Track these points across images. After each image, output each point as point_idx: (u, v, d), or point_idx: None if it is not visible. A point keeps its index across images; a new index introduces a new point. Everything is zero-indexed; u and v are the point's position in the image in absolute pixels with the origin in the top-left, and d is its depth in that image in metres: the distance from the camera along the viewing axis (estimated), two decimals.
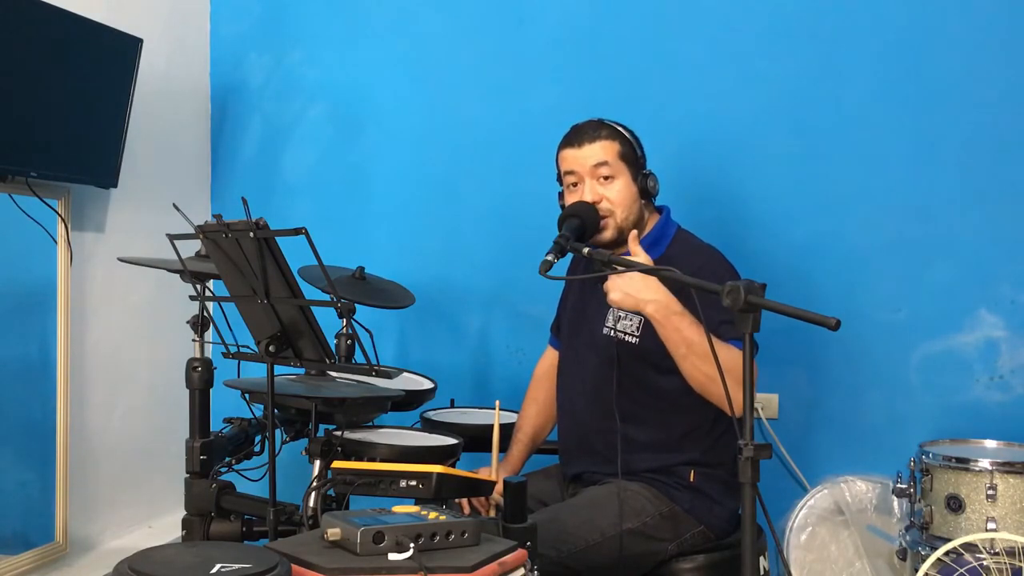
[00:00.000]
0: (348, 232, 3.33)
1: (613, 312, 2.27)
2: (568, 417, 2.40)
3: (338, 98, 3.40)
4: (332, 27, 3.40)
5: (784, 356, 2.87)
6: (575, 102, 2.90)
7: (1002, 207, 2.75)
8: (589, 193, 2.24)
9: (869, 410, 2.86)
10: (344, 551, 1.54)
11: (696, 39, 3.00)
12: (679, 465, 2.24)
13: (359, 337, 2.29)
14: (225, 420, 2.49)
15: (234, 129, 3.52)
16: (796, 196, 2.91)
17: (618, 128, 2.29)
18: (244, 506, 2.23)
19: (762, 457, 1.54)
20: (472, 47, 3.24)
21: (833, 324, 1.52)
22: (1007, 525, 2.24)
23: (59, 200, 2.74)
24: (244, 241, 1.95)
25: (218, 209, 3.41)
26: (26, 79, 2.50)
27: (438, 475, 1.84)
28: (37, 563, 2.69)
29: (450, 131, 3.26)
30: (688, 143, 2.96)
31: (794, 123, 2.92)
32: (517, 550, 1.63)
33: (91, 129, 2.76)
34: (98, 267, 2.93)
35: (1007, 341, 2.76)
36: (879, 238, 2.85)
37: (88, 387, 2.91)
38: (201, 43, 3.48)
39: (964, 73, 2.77)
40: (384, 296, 2.72)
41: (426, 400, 2.62)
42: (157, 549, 1.49)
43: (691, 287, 1.74)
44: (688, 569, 2.20)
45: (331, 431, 2.20)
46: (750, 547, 1.57)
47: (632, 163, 2.27)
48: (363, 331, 2.54)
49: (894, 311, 2.84)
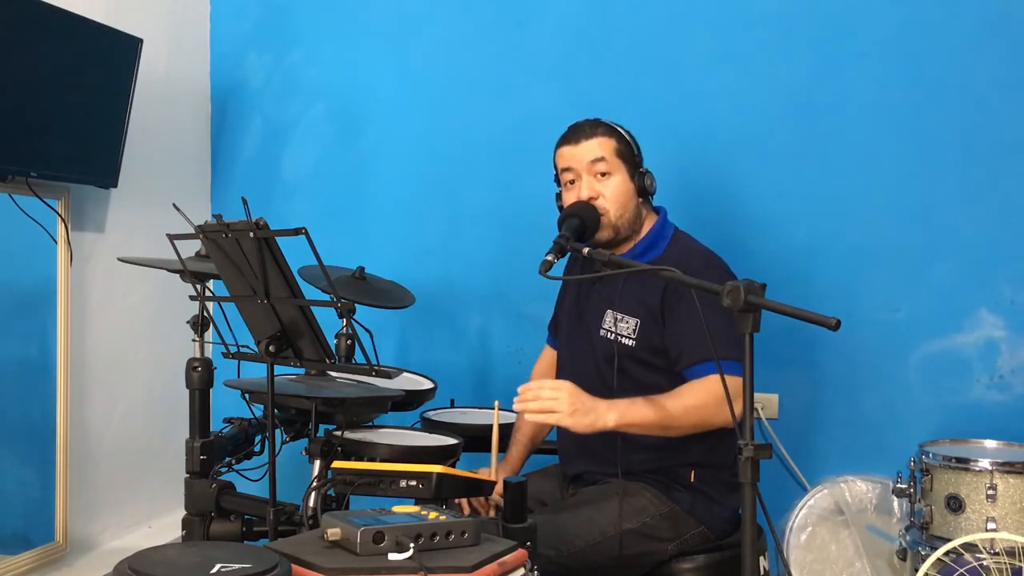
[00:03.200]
0: (348, 232, 3.33)
1: (610, 314, 2.27)
2: None
3: (338, 98, 3.41)
4: (332, 27, 3.40)
5: (784, 356, 2.87)
6: (575, 102, 2.90)
7: (1002, 207, 2.75)
8: (586, 189, 2.24)
9: (869, 410, 2.86)
10: (344, 551, 1.54)
11: (696, 39, 3.00)
12: (680, 465, 2.24)
13: (359, 337, 2.30)
14: (225, 420, 2.49)
15: (234, 129, 3.52)
16: (796, 196, 2.91)
17: (614, 126, 2.30)
18: (244, 506, 2.23)
19: (762, 457, 1.54)
20: (472, 47, 3.24)
21: (833, 324, 1.52)
22: (1007, 525, 2.24)
23: (59, 200, 2.74)
24: (244, 241, 1.95)
25: (218, 209, 3.41)
26: (26, 79, 2.50)
27: (438, 475, 1.84)
28: (37, 563, 2.69)
29: (450, 131, 3.26)
30: (688, 143, 2.96)
31: (794, 123, 2.92)
32: (517, 550, 1.63)
33: (91, 129, 2.76)
34: (98, 267, 2.93)
35: (1007, 341, 2.76)
36: (879, 238, 2.85)
37: (88, 387, 2.91)
38: (201, 43, 3.48)
39: (964, 74, 2.78)
40: (384, 296, 2.72)
41: (426, 400, 2.61)
42: (157, 549, 1.49)
43: (691, 287, 1.74)
44: (688, 569, 2.20)
45: (331, 431, 2.20)
46: (750, 547, 1.57)
47: (629, 161, 2.27)
48: (363, 331, 2.54)
49: (894, 311, 2.85)
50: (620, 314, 2.25)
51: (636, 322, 2.22)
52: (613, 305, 2.28)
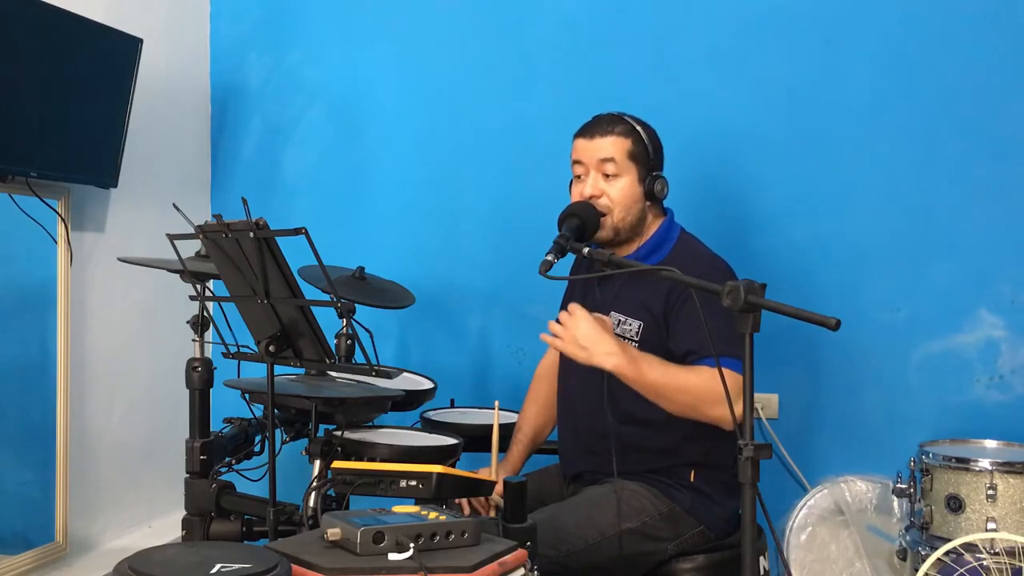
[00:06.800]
0: (348, 232, 3.33)
1: (612, 316, 2.26)
2: (568, 417, 2.40)
3: (338, 98, 3.40)
4: (332, 27, 3.40)
5: (784, 356, 2.87)
6: (575, 102, 2.89)
7: (1002, 207, 2.75)
8: (591, 186, 2.24)
9: (869, 410, 2.86)
10: (344, 551, 1.54)
11: (696, 39, 3.00)
12: (680, 465, 2.24)
13: (359, 337, 2.30)
14: (225, 420, 2.49)
15: (234, 129, 3.52)
16: (797, 196, 2.92)
17: (635, 126, 2.27)
18: (244, 506, 2.23)
19: (762, 457, 1.54)
20: (472, 47, 3.23)
21: (833, 324, 1.52)
22: (1007, 525, 2.24)
23: (59, 200, 2.74)
24: (244, 241, 1.95)
25: (218, 209, 3.41)
26: (26, 79, 2.50)
27: (438, 475, 1.84)
28: (37, 563, 2.69)
29: (450, 131, 3.26)
30: (688, 143, 2.95)
31: (794, 123, 2.92)
32: (517, 550, 1.63)
33: (91, 129, 2.76)
34: (98, 267, 2.93)
35: (1007, 341, 2.76)
36: (879, 238, 2.85)
37: (88, 387, 2.91)
38: (201, 43, 3.48)
39: (964, 73, 2.78)
40: (384, 296, 2.72)
41: (426, 400, 2.62)
42: (157, 549, 1.49)
43: (692, 287, 1.74)
44: (688, 569, 2.20)
45: (331, 431, 2.20)
46: (750, 547, 1.57)
47: (642, 163, 2.25)
48: (363, 331, 2.54)
49: (894, 311, 2.85)
50: (623, 316, 2.25)
51: (639, 324, 2.22)
52: (616, 307, 2.27)
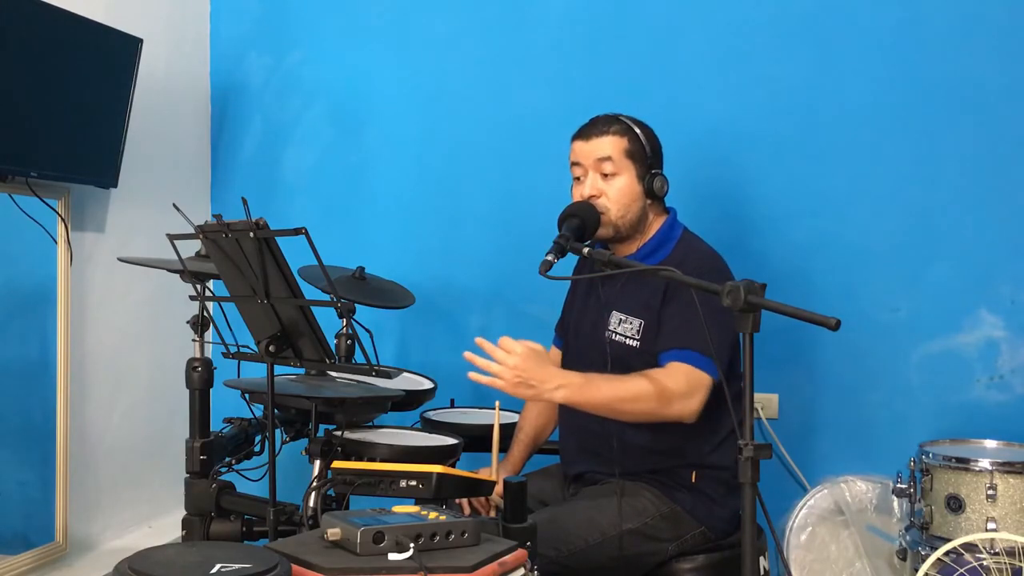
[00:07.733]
0: (348, 232, 3.33)
1: (614, 316, 2.27)
2: (569, 417, 2.40)
3: (338, 98, 3.40)
4: (332, 27, 3.40)
5: (784, 356, 2.87)
6: (575, 102, 2.89)
7: (1002, 207, 2.75)
8: (589, 187, 2.25)
9: (869, 410, 2.86)
10: (344, 551, 1.54)
11: (697, 39, 3.00)
12: (680, 466, 2.24)
13: (359, 337, 2.30)
14: (225, 420, 2.49)
15: (234, 129, 3.52)
16: (796, 196, 2.91)
17: (632, 125, 2.27)
18: (244, 506, 2.23)
19: (762, 457, 1.54)
20: (472, 47, 3.23)
21: (833, 324, 1.52)
22: (1007, 525, 2.24)
23: (59, 200, 2.74)
24: (244, 241, 1.95)
25: (218, 209, 3.41)
26: (26, 79, 2.50)
27: (438, 475, 1.84)
28: (37, 563, 2.69)
29: (450, 131, 3.26)
30: (688, 143, 2.95)
31: (794, 123, 2.91)
32: (517, 550, 1.63)
33: (91, 129, 2.76)
34: (98, 267, 2.93)
35: (1007, 341, 2.76)
36: (879, 238, 2.85)
37: (88, 387, 2.91)
38: (201, 43, 3.48)
39: (964, 73, 2.77)
40: (384, 296, 2.72)
41: (426, 400, 2.62)
42: (157, 549, 1.49)
43: (691, 287, 1.75)
44: (688, 569, 2.20)
45: (331, 431, 2.20)
46: (750, 547, 1.57)
47: (640, 161, 2.26)
48: (363, 331, 2.54)
49: (894, 311, 2.84)
50: (624, 315, 2.25)
51: (640, 323, 2.22)
52: (617, 306, 2.28)
